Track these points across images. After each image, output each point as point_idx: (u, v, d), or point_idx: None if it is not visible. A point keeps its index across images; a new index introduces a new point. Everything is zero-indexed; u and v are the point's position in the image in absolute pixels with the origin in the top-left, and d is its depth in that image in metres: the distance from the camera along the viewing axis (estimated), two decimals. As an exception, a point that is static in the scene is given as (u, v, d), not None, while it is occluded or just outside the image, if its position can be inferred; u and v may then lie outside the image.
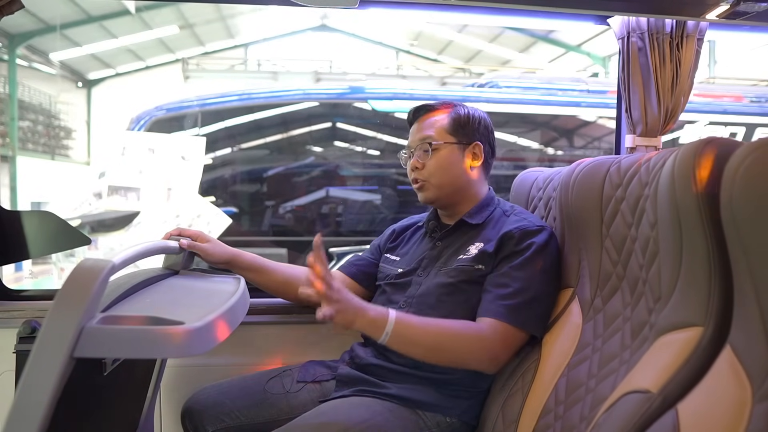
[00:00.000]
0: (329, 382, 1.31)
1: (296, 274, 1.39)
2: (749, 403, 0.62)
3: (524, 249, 1.18)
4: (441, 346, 1.12)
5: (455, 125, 1.31)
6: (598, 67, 11.14)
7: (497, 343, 1.13)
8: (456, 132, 1.31)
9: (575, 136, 5.42)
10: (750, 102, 5.41)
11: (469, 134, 1.32)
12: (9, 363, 1.28)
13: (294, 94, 4.93)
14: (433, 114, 1.33)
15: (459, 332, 1.13)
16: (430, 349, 1.12)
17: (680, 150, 0.83)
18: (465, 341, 1.12)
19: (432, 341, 1.12)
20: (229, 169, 4.72)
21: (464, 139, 1.31)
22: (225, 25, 11.15)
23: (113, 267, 0.79)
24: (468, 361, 1.14)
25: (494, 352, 1.13)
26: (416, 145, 1.32)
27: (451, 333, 1.12)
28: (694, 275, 0.79)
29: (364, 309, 1.08)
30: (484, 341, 1.12)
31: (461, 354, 1.12)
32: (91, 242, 3.47)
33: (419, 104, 1.37)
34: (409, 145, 1.36)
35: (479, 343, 1.12)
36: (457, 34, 11.21)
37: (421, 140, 1.31)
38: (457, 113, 1.33)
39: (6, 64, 8.92)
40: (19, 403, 0.69)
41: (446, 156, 1.30)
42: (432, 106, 1.34)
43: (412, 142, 1.34)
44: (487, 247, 1.22)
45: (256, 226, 4.71)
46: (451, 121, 1.32)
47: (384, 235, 1.49)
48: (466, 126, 1.32)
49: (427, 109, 1.34)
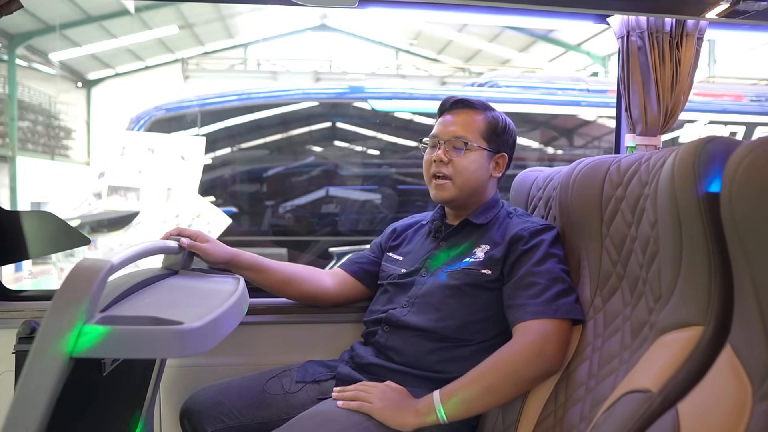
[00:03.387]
0: (328, 381, 1.30)
1: (297, 272, 1.39)
2: (749, 403, 0.62)
3: (536, 246, 1.18)
4: (499, 383, 1.07)
5: (491, 131, 1.29)
6: (597, 66, 11.14)
7: (548, 342, 1.08)
8: (490, 138, 1.29)
9: (575, 135, 5.41)
10: (750, 101, 5.40)
11: (500, 144, 1.31)
12: (8, 363, 1.28)
13: (294, 94, 4.93)
14: (472, 112, 1.30)
15: (505, 358, 1.09)
16: (491, 392, 1.08)
17: (680, 149, 0.83)
18: (517, 362, 1.08)
19: (488, 384, 1.08)
20: (229, 169, 4.71)
21: (495, 147, 1.30)
22: (224, 25, 11.14)
23: (112, 267, 0.79)
24: (531, 376, 1.09)
25: (548, 353, 1.08)
26: (447, 139, 1.28)
27: (499, 363, 1.08)
28: (694, 274, 0.79)
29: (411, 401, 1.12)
30: (533, 348, 1.08)
31: (521, 375, 1.07)
32: (90, 242, 3.47)
33: (459, 95, 1.33)
34: (437, 134, 1.30)
35: (531, 354, 1.07)
36: (456, 34, 11.20)
37: (455, 136, 1.27)
38: (495, 118, 1.31)
39: (6, 64, 8.92)
40: (17, 403, 0.69)
41: (476, 159, 1.28)
42: (472, 103, 1.31)
43: (443, 134, 1.29)
44: (494, 252, 1.21)
45: (256, 225, 4.71)
46: (487, 126, 1.29)
47: (385, 233, 1.48)
48: (501, 135, 1.31)
49: (466, 104, 1.31)
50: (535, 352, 1.07)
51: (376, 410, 1.10)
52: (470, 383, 1.09)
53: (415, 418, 1.08)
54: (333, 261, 4.20)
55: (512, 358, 1.08)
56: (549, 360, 1.08)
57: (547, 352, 1.08)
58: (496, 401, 1.10)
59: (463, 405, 1.08)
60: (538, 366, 1.08)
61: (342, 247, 4.33)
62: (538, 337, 1.08)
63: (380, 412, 1.09)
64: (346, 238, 4.54)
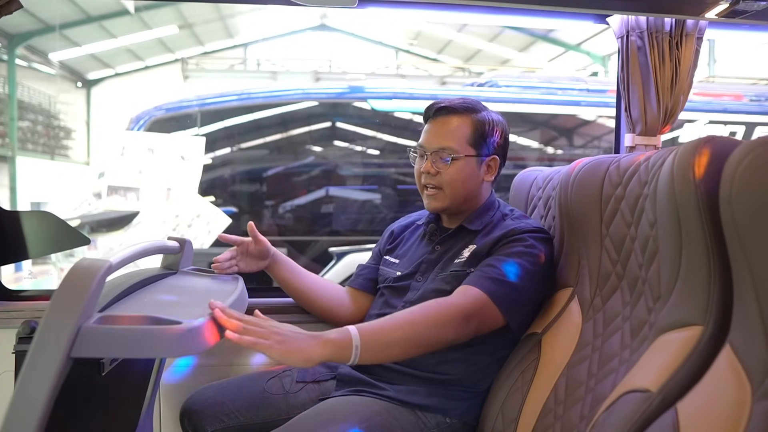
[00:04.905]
0: (329, 381, 1.31)
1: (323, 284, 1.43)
2: (749, 402, 0.62)
3: (520, 241, 1.18)
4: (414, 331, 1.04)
5: (477, 136, 1.25)
6: (597, 66, 11.14)
7: (468, 306, 1.08)
8: (477, 144, 1.25)
9: (575, 135, 5.41)
10: (749, 101, 5.40)
11: (489, 147, 1.27)
12: (8, 363, 1.28)
13: (293, 94, 4.93)
14: (456, 118, 1.26)
15: (437, 312, 1.07)
16: (406, 342, 1.03)
17: (680, 149, 0.83)
18: (445, 319, 1.06)
19: (407, 335, 1.03)
20: (229, 169, 4.71)
21: (484, 152, 1.26)
22: (224, 24, 11.14)
23: (110, 267, 0.78)
24: (444, 331, 1.06)
25: (465, 313, 1.07)
26: (433, 150, 1.25)
27: (425, 315, 1.06)
28: (693, 274, 0.79)
29: (318, 334, 0.96)
30: (453, 305, 1.08)
31: (435, 327, 1.05)
32: (90, 242, 3.47)
33: (441, 102, 1.28)
34: (423, 145, 1.28)
35: (449, 308, 1.07)
36: (456, 34, 11.20)
37: (440, 148, 1.24)
38: (481, 121, 1.26)
39: (5, 64, 8.91)
40: (16, 403, 0.69)
41: (464, 168, 1.25)
42: (455, 108, 1.26)
43: (428, 144, 1.26)
44: (479, 249, 1.21)
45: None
46: (474, 131, 1.25)
47: (383, 237, 1.48)
48: (489, 137, 1.27)
49: (449, 110, 1.26)
50: (462, 317, 1.07)
51: (273, 348, 0.91)
52: (390, 328, 1.03)
53: (323, 348, 0.94)
54: (333, 261, 4.20)
55: (442, 314, 1.06)
56: (466, 326, 1.08)
57: (472, 323, 1.08)
58: (405, 354, 1.07)
59: (379, 351, 1.01)
60: (457, 328, 1.07)
61: (342, 247, 4.32)
62: (471, 304, 1.08)
63: (278, 350, 0.91)
64: (346, 238, 4.54)
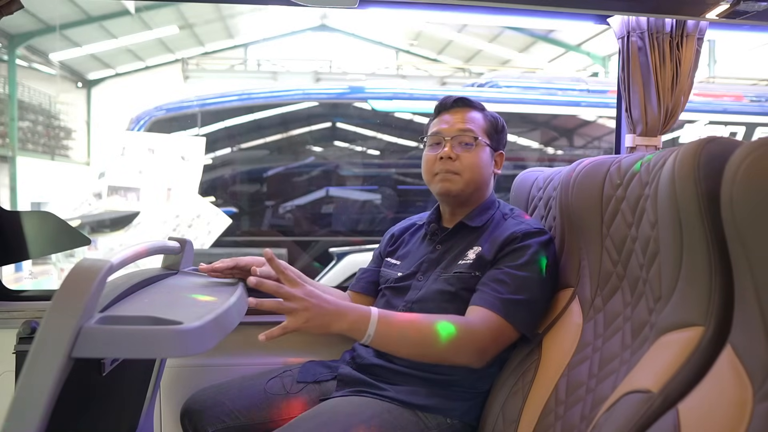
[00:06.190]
0: (329, 382, 1.30)
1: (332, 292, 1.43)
2: (750, 403, 0.62)
3: (525, 249, 1.18)
4: (428, 342, 1.07)
5: (491, 129, 1.33)
6: (598, 66, 11.14)
7: (487, 336, 1.10)
8: (491, 135, 1.33)
9: (575, 135, 5.41)
10: (750, 101, 5.40)
11: (499, 141, 1.35)
12: (9, 363, 1.28)
13: (294, 94, 4.93)
14: (474, 110, 1.33)
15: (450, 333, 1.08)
16: (416, 346, 1.07)
17: (680, 149, 0.83)
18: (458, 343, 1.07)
19: (418, 341, 1.07)
20: (229, 169, 4.71)
21: (495, 144, 1.34)
22: (225, 25, 11.15)
23: (111, 267, 0.78)
24: (457, 356, 1.09)
25: (483, 345, 1.10)
26: (454, 135, 1.28)
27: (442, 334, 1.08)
28: (694, 275, 0.79)
29: (342, 309, 1.03)
30: (474, 334, 1.09)
31: (450, 349, 1.07)
32: (90, 242, 3.47)
33: (459, 94, 1.36)
34: (441, 131, 1.30)
35: (469, 336, 1.08)
36: (456, 34, 11.21)
37: (463, 131, 1.28)
38: (494, 117, 1.35)
39: (6, 64, 8.92)
40: (17, 403, 0.69)
41: (482, 154, 1.30)
42: (472, 102, 1.33)
43: (449, 131, 1.29)
44: (484, 252, 1.21)
45: (256, 226, 4.70)
46: (488, 124, 1.33)
47: (383, 240, 1.48)
48: (500, 133, 1.35)
49: (467, 102, 1.33)
50: (475, 341, 1.09)
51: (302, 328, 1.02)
52: (408, 328, 1.07)
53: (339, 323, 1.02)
54: (333, 261, 4.20)
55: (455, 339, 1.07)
56: (482, 353, 1.10)
57: (485, 345, 1.10)
58: (414, 357, 1.10)
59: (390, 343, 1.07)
60: (471, 354, 1.09)
61: (342, 248, 4.32)
62: (485, 329, 1.10)
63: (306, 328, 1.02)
64: (347, 239, 4.54)
